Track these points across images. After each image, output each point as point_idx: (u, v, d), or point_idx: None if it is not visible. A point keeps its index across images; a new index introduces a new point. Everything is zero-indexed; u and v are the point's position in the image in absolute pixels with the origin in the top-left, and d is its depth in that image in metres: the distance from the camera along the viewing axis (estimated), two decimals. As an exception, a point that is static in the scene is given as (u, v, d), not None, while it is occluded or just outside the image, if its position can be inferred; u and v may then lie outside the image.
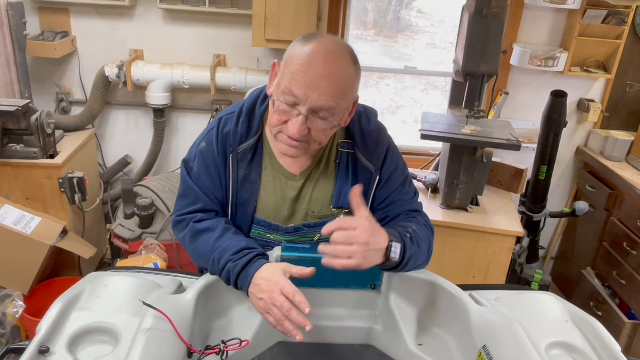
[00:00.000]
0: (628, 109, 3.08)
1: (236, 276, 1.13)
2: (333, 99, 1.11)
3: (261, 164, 1.30)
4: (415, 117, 3.67)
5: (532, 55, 2.81)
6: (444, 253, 2.30)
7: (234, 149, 1.27)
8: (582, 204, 2.53)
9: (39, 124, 2.45)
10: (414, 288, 1.21)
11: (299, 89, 1.10)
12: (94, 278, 1.12)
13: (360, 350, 1.23)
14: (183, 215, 1.29)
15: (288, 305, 1.03)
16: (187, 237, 1.27)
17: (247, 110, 1.29)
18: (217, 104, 3.08)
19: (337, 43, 1.15)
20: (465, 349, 1.11)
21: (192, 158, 1.31)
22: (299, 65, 1.10)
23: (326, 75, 1.09)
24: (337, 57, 1.11)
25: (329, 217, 1.31)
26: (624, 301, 2.70)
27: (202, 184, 1.28)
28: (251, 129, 1.28)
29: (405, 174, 1.34)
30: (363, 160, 1.29)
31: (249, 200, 1.29)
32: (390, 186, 1.30)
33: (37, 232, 2.36)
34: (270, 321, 1.06)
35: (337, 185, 1.30)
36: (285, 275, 1.07)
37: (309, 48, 1.11)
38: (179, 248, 2.58)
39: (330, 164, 1.31)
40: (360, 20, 3.71)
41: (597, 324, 1.08)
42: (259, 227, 1.32)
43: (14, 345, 0.98)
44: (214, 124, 1.31)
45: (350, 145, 1.30)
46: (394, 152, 1.33)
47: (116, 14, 2.97)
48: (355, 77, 1.16)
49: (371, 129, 1.30)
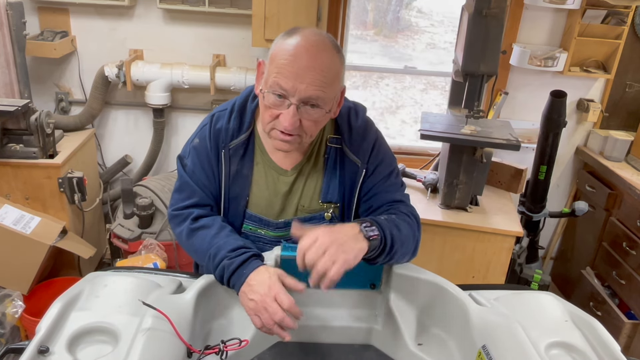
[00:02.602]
0: (628, 109, 3.09)
1: (230, 274, 1.13)
2: (320, 89, 1.13)
3: (253, 159, 1.32)
4: (415, 117, 3.67)
5: (531, 55, 2.81)
6: (444, 253, 2.30)
7: (226, 144, 1.29)
8: (582, 204, 2.53)
9: (38, 124, 2.44)
10: (414, 288, 1.21)
11: (287, 82, 1.11)
12: (93, 278, 1.12)
13: (360, 350, 1.23)
14: (179, 210, 1.31)
15: (281, 314, 1.04)
16: (184, 233, 1.28)
17: (239, 107, 1.31)
18: (217, 104, 3.06)
19: (319, 34, 1.17)
20: (465, 349, 1.11)
21: (186, 154, 1.34)
22: (285, 59, 1.12)
23: (311, 66, 1.11)
24: (320, 48, 1.13)
25: (319, 212, 1.33)
26: (623, 301, 2.70)
27: (197, 179, 1.31)
28: (243, 125, 1.30)
29: (392, 167, 1.35)
30: (350, 155, 1.31)
31: (241, 196, 1.31)
32: (375, 177, 1.31)
33: (37, 232, 2.36)
34: (255, 323, 1.07)
35: (326, 179, 1.32)
36: (281, 283, 1.08)
37: (292, 42, 1.13)
38: (179, 248, 2.58)
39: (320, 159, 1.33)
40: (360, 20, 3.71)
41: (597, 324, 1.07)
42: (250, 222, 1.34)
43: (14, 345, 0.97)
44: (206, 120, 1.34)
45: (338, 140, 1.31)
46: (381, 146, 1.34)
47: (116, 14, 2.97)
48: (340, 66, 1.18)
49: (359, 124, 1.31)
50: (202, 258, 1.21)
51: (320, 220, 1.34)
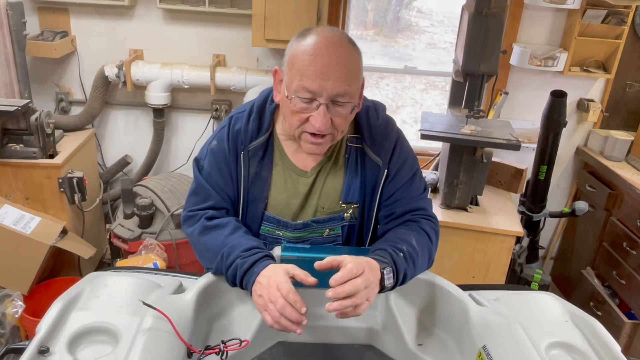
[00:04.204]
0: (628, 109, 3.08)
1: (243, 273, 1.13)
2: (347, 83, 1.12)
3: (272, 161, 1.30)
4: (415, 117, 3.67)
5: (532, 55, 2.81)
6: (444, 253, 2.30)
7: (245, 146, 1.27)
8: (582, 204, 2.53)
9: (38, 124, 2.44)
10: (414, 288, 1.21)
11: (313, 83, 1.11)
12: (93, 278, 1.12)
13: (360, 350, 1.23)
14: (194, 212, 1.29)
15: (282, 302, 1.03)
16: (196, 232, 1.27)
17: (258, 109, 1.30)
18: (217, 104, 3.08)
19: (333, 30, 1.17)
20: (465, 349, 1.11)
21: (203, 157, 1.32)
22: (305, 60, 1.11)
23: (334, 62, 1.11)
24: (338, 43, 1.13)
25: (338, 212, 1.32)
26: (624, 301, 2.70)
27: (213, 182, 1.29)
28: (262, 127, 1.28)
29: (415, 168, 1.33)
30: (371, 154, 1.29)
31: (260, 198, 1.30)
32: (398, 181, 1.30)
33: (37, 232, 2.36)
34: (267, 320, 1.06)
35: (347, 180, 1.31)
36: (286, 275, 1.07)
37: (309, 42, 1.13)
38: (179, 248, 2.58)
39: (340, 159, 1.31)
40: (360, 20, 3.71)
41: (597, 324, 1.08)
42: (268, 224, 1.33)
43: (14, 345, 0.98)
44: (225, 122, 1.32)
45: (359, 140, 1.30)
46: (403, 145, 1.32)
47: (116, 14, 2.97)
48: (359, 58, 1.18)
49: (379, 123, 1.30)
50: (214, 257, 1.19)
51: (339, 220, 1.32)
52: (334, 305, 1.01)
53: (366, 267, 1.05)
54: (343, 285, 1.01)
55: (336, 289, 1.01)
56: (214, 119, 3.09)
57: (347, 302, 1.01)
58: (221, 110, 3.07)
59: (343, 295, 1.01)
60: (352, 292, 1.01)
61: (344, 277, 1.02)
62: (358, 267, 1.04)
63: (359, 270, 1.03)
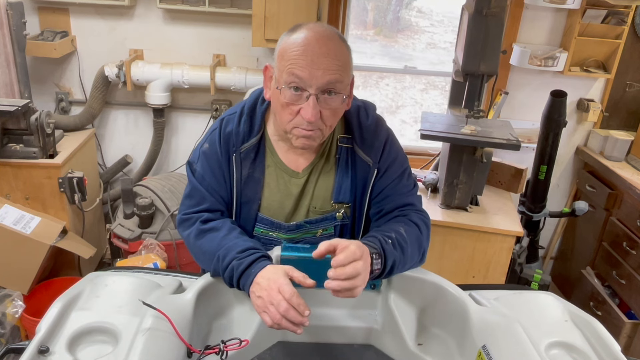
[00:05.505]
0: (628, 109, 3.09)
1: (240, 274, 1.13)
2: (337, 72, 1.13)
3: (264, 162, 1.30)
4: (415, 117, 3.67)
5: (532, 55, 2.81)
6: (444, 253, 2.30)
7: (236, 148, 1.28)
8: (582, 204, 2.53)
9: (38, 124, 2.45)
10: (414, 288, 1.21)
11: (303, 71, 1.12)
12: (93, 278, 1.12)
13: (360, 350, 1.23)
14: (189, 215, 1.29)
15: (285, 305, 1.02)
16: (192, 235, 1.27)
17: (249, 110, 1.30)
18: (217, 104, 3.08)
19: (324, 26, 1.18)
20: (465, 349, 1.11)
21: (196, 160, 1.32)
22: (296, 50, 1.13)
23: (324, 52, 1.12)
24: (329, 37, 1.15)
25: (330, 212, 1.32)
26: (624, 301, 2.70)
27: (206, 185, 1.29)
28: (253, 128, 1.29)
29: (404, 167, 1.34)
30: (361, 154, 1.30)
31: (253, 199, 1.30)
32: (387, 178, 1.30)
33: (37, 232, 2.36)
34: (266, 321, 1.06)
35: (338, 180, 1.31)
36: (286, 277, 1.07)
37: (300, 35, 1.14)
38: (179, 248, 2.58)
39: (331, 160, 1.32)
40: (360, 20, 3.72)
41: (597, 324, 1.08)
42: (262, 225, 1.33)
43: (14, 345, 0.97)
44: (216, 125, 1.32)
45: (349, 140, 1.31)
46: (393, 144, 1.33)
47: (116, 14, 2.97)
48: (349, 54, 1.19)
49: (369, 123, 1.31)
50: (210, 259, 1.19)
51: (331, 220, 1.33)
52: (332, 285, 1.03)
53: (365, 251, 1.07)
54: (344, 267, 1.03)
55: (336, 271, 1.03)
56: (214, 119, 3.09)
57: (346, 284, 1.03)
58: (221, 110, 3.07)
59: (344, 277, 1.02)
60: (353, 275, 1.03)
61: (347, 259, 1.03)
62: (360, 249, 1.06)
63: (360, 252, 1.05)
